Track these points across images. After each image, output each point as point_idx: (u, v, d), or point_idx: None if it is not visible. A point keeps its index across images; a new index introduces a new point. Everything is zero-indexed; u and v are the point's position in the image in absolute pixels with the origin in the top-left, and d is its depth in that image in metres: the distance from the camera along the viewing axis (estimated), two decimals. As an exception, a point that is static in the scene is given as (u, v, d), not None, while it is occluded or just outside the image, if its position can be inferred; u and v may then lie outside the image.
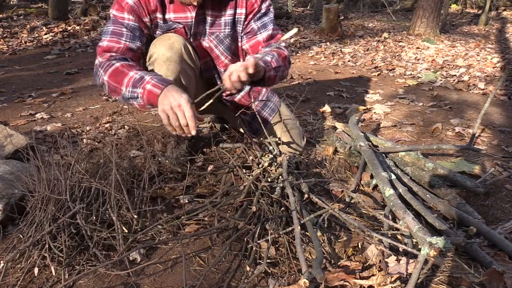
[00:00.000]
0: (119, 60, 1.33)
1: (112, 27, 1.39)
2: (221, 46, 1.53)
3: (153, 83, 1.22)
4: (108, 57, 1.34)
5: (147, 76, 1.24)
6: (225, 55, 1.56)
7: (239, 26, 1.53)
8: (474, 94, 2.98)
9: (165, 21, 1.45)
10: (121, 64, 1.31)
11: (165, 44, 1.41)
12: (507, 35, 6.19)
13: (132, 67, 1.31)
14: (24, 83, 3.26)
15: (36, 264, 1.08)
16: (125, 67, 1.30)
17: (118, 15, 1.39)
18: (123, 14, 1.39)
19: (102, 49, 1.37)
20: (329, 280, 1.01)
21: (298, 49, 4.91)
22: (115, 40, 1.37)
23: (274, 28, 1.54)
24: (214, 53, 1.56)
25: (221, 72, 1.62)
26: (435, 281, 1.04)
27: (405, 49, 4.84)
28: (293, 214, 1.10)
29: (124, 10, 1.38)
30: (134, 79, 1.25)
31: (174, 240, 1.22)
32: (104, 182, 1.25)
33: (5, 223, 1.27)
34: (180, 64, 1.43)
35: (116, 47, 1.36)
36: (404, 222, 1.16)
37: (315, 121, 2.35)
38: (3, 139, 1.70)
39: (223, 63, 1.58)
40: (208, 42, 1.53)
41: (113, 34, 1.38)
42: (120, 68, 1.30)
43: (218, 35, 1.51)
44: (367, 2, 10.02)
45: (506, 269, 1.06)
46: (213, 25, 1.49)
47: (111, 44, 1.36)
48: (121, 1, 1.38)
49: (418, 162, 1.60)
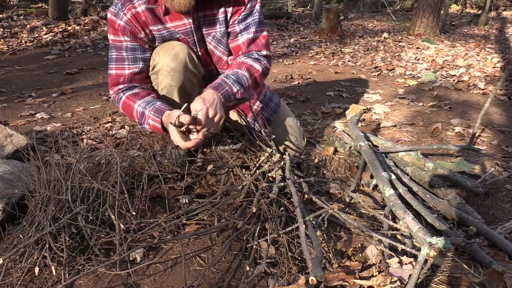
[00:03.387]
0: (126, 91, 1.42)
1: (115, 54, 1.43)
2: (220, 47, 1.51)
3: (152, 118, 1.33)
4: (117, 91, 1.43)
5: (146, 110, 1.34)
6: (226, 54, 1.53)
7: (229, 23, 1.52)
8: (474, 94, 2.98)
9: (167, 29, 1.43)
10: (126, 96, 1.40)
11: (169, 54, 1.39)
12: (507, 35, 6.19)
13: (136, 97, 1.39)
14: (24, 83, 3.27)
15: (37, 264, 1.08)
16: (130, 99, 1.39)
17: (115, 39, 1.42)
18: (119, 37, 1.41)
19: (112, 81, 1.44)
20: (329, 279, 1.01)
21: (298, 49, 4.91)
22: (120, 67, 1.42)
23: (258, 30, 1.46)
24: (215, 56, 1.54)
25: None
26: (435, 281, 1.04)
27: (405, 49, 4.84)
28: (297, 212, 1.10)
29: (118, 32, 1.40)
30: (139, 114, 1.37)
31: (174, 240, 1.22)
32: (105, 182, 1.25)
33: (6, 223, 1.27)
34: (185, 74, 1.42)
35: (122, 75, 1.42)
36: (404, 222, 1.16)
37: (315, 121, 2.35)
38: (3, 139, 1.70)
39: (226, 64, 1.56)
40: (208, 44, 1.51)
41: (117, 62, 1.42)
42: (126, 102, 1.40)
43: (215, 35, 1.48)
44: (367, 2, 10.02)
45: (506, 269, 1.06)
46: (208, 26, 1.46)
47: (118, 72, 1.42)
48: (113, 23, 1.39)
49: (418, 162, 1.60)
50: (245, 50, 1.47)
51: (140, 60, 1.44)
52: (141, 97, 1.39)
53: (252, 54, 1.46)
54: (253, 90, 1.47)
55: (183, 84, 1.44)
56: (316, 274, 0.87)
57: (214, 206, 1.25)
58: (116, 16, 1.38)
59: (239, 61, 1.44)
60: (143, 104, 1.36)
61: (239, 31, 1.46)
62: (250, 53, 1.47)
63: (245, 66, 1.41)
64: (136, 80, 1.44)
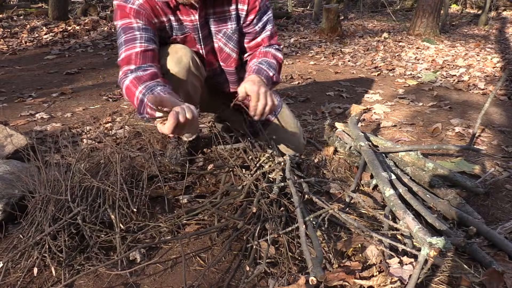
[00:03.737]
0: (133, 73, 1.27)
1: (124, 37, 1.31)
2: (230, 43, 1.51)
3: (150, 106, 1.17)
4: (125, 71, 1.29)
5: (145, 97, 1.21)
6: (235, 51, 1.53)
7: (241, 22, 1.53)
8: (474, 94, 2.98)
9: (178, 21, 1.41)
10: (130, 80, 1.26)
11: (173, 58, 1.39)
12: (507, 35, 6.19)
13: (139, 81, 1.25)
14: (24, 83, 3.26)
15: (36, 264, 1.08)
16: (133, 83, 1.26)
17: (125, 22, 1.32)
18: (129, 19, 1.32)
19: (122, 63, 1.31)
20: (329, 279, 1.01)
21: (298, 49, 4.91)
22: (130, 47, 1.29)
23: (273, 26, 1.56)
24: (224, 53, 1.53)
25: (230, 73, 1.60)
26: (435, 281, 1.04)
27: (405, 49, 4.84)
28: (297, 212, 1.10)
29: (129, 15, 1.31)
30: (139, 101, 1.23)
31: (174, 240, 1.22)
32: (105, 181, 1.25)
33: (6, 223, 1.27)
34: (188, 77, 1.42)
35: (132, 54, 1.29)
36: (404, 222, 1.16)
37: (315, 121, 2.35)
38: (3, 139, 1.70)
39: (235, 61, 1.56)
40: (217, 41, 1.50)
41: (127, 43, 1.30)
42: (129, 87, 1.26)
43: (226, 32, 1.47)
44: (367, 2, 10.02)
45: (506, 269, 1.06)
46: (218, 22, 1.46)
47: (128, 53, 1.29)
48: (123, 8, 1.31)
49: (418, 162, 1.60)
50: (266, 44, 1.55)
51: (153, 42, 1.32)
52: (144, 81, 1.25)
53: (273, 46, 1.55)
54: (279, 71, 1.54)
55: (186, 87, 1.44)
56: (316, 274, 0.87)
57: (214, 206, 1.25)
58: (126, 1, 1.31)
59: (263, 51, 1.53)
60: (143, 91, 1.23)
61: (259, 30, 1.51)
62: (271, 46, 1.55)
63: (270, 55, 1.50)
64: (148, 58, 1.30)
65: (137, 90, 1.25)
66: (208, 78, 1.60)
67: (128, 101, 1.35)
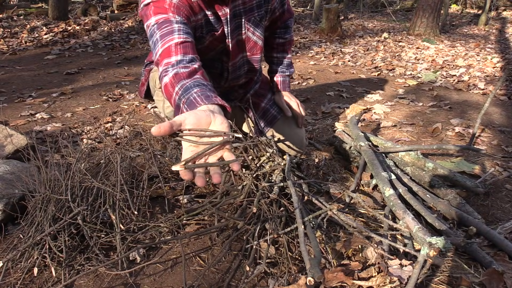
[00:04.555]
0: (174, 67, 1.12)
1: (159, 33, 1.17)
2: (257, 31, 1.53)
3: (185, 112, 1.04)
4: (166, 65, 1.13)
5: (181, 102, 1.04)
6: (261, 38, 1.56)
7: (269, 5, 1.53)
8: (474, 94, 2.98)
9: (214, 15, 1.37)
10: (170, 78, 1.11)
11: None
12: (507, 35, 6.19)
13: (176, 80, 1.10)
14: (24, 83, 3.27)
15: (36, 264, 1.08)
16: (172, 82, 1.11)
17: (161, 18, 1.20)
18: (167, 14, 1.21)
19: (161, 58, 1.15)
20: (328, 280, 1.01)
21: (298, 49, 4.91)
22: (168, 40, 1.15)
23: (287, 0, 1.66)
24: (251, 42, 1.53)
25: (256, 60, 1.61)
26: (435, 281, 1.04)
27: (405, 49, 4.84)
28: (297, 212, 1.10)
29: (167, 10, 1.21)
30: (175, 107, 1.08)
31: (174, 240, 1.22)
32: (105, 181, 1.25)
33: (6, 223, 1.27)
34: None
35: (172, 45, 1.15)
36: (404, 222, 1.16)
37: (315, 121, 2.35)
38: (3, 139, 1.70)
39: (260, 48, 1.59)
40: (246, 31, 1.49)
41: (163, 37, 1.16)
42: (168, 86, 1.11)
43: (255, 20, 1.49)
44: (367, 2, 10.02)
45: (506, 269, 1.06)
46: (247, 12, 1.46)
47: (166, 46, 1.15)
48: (160, 3, 1.22)
49: (418, 162, 1.60)
50: (282, 21, 1.68)
51: (191, 36, 1.20)
52: (181, 79, 1.10)
53: (286, 26, 1.71)
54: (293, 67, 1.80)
55: None
56: (314, 275, 0.87)
57: (214, 206, 1.25)
58: None
59: (280, 42, 1.72)
60: (180, 92, 1.07)
61: (278, 6, 1.60)
62: (285, 24, 1.70)
63: (287, 47, 1.74)
64: (189, 48, 1.16)
65: (174, 91, 1.09)
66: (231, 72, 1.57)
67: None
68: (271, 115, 1.69)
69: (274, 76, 1.74)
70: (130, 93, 2.92)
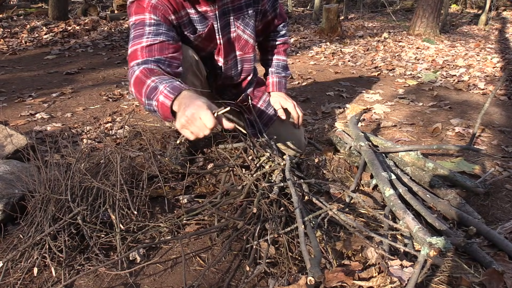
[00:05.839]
0: (141, 65, 1.22)
1: (133, 33, 1.29)
2: (248, 29, 1.53)
3: (165, 94, 1.09)
4: (132, 65, 1.24)
5: (162, 84, 1.12)
6: (252, 37, 1.56)
7: (258, 6, 1.54)
8: (474, 94, 2.98)
9: (199, 13, 1.39)
10: (141, 70, 1.19)
11: None
12: (507, 35, 6.19)
13: (152, 73, 1.18)
14: (24, 83, 3.27)
15: (36, 264, 1.08)
16: (144, 73, 1.18)
17: (138, 18, 1.29)
18: (143, 15, 1.28)
19: (129, 59, 1.28)
20: (328, 280, 1.01)
21: (298, 49, 4.91)
22: (137, 42, 1.26)
23: (280, 5, 1.66)
24: (242, 41, 1.54)
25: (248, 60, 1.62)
26: (435, 281, 1.04)
27: (405, 49, 4.84)
28: (297, 212, 1.10)
29: (145, 10, 1.28)
30: (150, 88, 1.13)
31: (174, 240, 1.22)
32: (105, 181, 1.25)
33: (5, 223, 1.27)
34: (187, 74, 1.42)
35: (138, 49, 1.25)
36: (404, 222, 1.16)
37: (315, 121, 2.35)
38: (3, 139, 1.70)
39: (252, 47, 1.59)
40: (236, 29, 1.50)
41: (134, 39, 1.27)
42: (139, 77, 1.18)
43: (244, 18, 1.50)
44: (367, 2, 10.02)
45: (506, 269, 1.06)
46: (237, 10, 1.47)
47: (135, 48, 1.26)
48: (141, 2, 1.28)
49: (418, 162, 1.60)
50: (275, 25, 1.70)
51: (163, 35, 1.28)
52: (158, 74, 1.18)
53: (280, 29, 1.72)
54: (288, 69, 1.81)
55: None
56: (314, 275, 0.87)
57: (214, 206, 1.25)
58: None
59: (275, 44, 1.74)
60: (158, 80, 1.14)
61: (270, 10, 1.62)
62: (279, 28, 1.72)
63: (282, 51, 1.75)
64: (155, 51, 1.25)
65: (149, 79, 1.16)
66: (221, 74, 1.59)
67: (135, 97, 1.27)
68: (267, 116, 1.69)
69: (269, 77, 1.74)
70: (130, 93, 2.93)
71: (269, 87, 1.73)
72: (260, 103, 1.70)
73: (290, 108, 1.65)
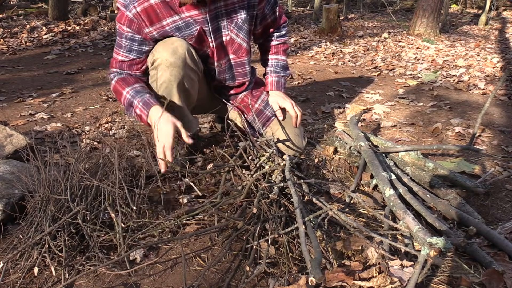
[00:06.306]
0: (116, 75, 1.48)
1: (117, 39, 1.48)
2: (241, 33, 1.53)
3: (139, 108, 1.39)
4: (110, 72, 1.50)
5: (135, 99, 1.40)
6: (246, 40, 1.56)
7: (254, 11, 1.54)
8: (474, 94, 2.98)
9: (183, 19, 1.42)
10: (116, 81, 1.47)
11: (169, 48, 1.40)
12: (507, 35, 6.19)
13: (125, 83, 1.45)
14: (24, 83, 3.26)
15: (36, 264, 1.08)
16: (119, 84, 1.46)
17: (120, 27, 1.44)
18: (124, 26, 1.42)
19: (111, 63, 1.51)
20: (328, 280, 1.01)
21: (298, 49, 4.91)
22: (116, 52, 1.48)
23: (279, 6, 1.67)
24: (235, 44, 1.55)
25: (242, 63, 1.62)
26: (435, 281, 1.04)
27: (405, 49, 4.84)
28: (297, 212, 1.10)
29: (124, 22, 1.41)
30: (127, 100, 1.42)
31: (174, 240, 1.22)
32: (105, 180, 1.25)
33: (5, 223, 1.27)
34: (184, 69, 1.43)
35: (115, 60, 1.48)
36: (404, 222, 1.16)
37: (315, 121, 2.35)
38: (3, 139, 1.70)
39: (246, 51, 1.59)
40: (229, 33, 1.51)
41: (117, 47, 1.48)
42: (116, 86, 1.46)
43: (237, 22, 1.50)
44: (367, 2, 10.02)
45: (506, 269, 1.06)
46: (230, 14, 1.48)
47: (115, 56, 1.48)
48: (122, 13, 1.41)
49: (418, 162, 1.60)
50: (274, 27, 1.70)
51: (135, 52, 1.46)
52: (130, 84, 1.45)
53: (280, 30, 1.73)
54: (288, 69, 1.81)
55: (182, 80, 1.44)
56: (314, 276, 0.87)
57: (214, 206, 1.25)
58: (126, 8, 1.38)
59: (274, 44, 1.74)
60: (131, 93, 1.42)
61: (269, 13, 1.63)
62: (279, 29, 1.73)
63: (281, 50, 1.75)
64: (125, 68, 1.49)
65: (125, 90, 1.44)
66: (215, 75, 1.60)
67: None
68: (265, 116, 1.69)
69: (268, 77, 1.74)
70: (130, 93, 2.92)
71: (267, 86, 1.73)
72: (258, 103, 1.70)
73: (288, 107, 1.63)
